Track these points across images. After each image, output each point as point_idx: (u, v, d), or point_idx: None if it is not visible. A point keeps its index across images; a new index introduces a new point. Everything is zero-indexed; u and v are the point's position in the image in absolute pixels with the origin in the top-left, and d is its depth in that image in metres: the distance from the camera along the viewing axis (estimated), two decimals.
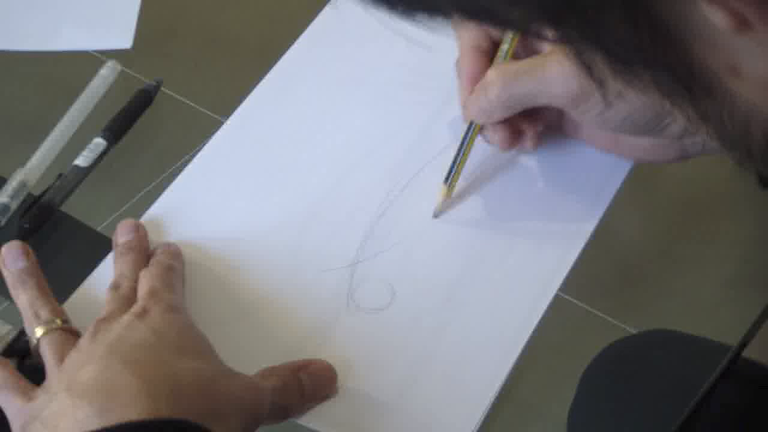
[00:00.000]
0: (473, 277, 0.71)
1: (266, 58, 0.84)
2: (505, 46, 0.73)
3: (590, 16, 0.37)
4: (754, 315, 0.73)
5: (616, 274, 0.95)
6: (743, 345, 0.71)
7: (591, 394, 0.88)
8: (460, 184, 0.75)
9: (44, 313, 0.66)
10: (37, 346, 0.65)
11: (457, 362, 0.67)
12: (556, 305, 0.70)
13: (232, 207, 0.75)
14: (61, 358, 0.63)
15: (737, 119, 0.38)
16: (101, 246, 0.73)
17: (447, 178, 0.73)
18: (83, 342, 0.63)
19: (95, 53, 0.88)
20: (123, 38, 0.88)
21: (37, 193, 0.78)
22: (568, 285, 0.70)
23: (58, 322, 0.66)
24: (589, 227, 0.73)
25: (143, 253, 0.71)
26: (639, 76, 0.39)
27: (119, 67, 0.86)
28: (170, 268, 0.69)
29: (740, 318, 0.75)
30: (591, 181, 0.75)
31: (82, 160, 0.80)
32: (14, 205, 0.78)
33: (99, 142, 0.81)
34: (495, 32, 0.73)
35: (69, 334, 0.65)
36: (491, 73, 0.71)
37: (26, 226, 0.76)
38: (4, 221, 0.77)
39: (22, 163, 0.80)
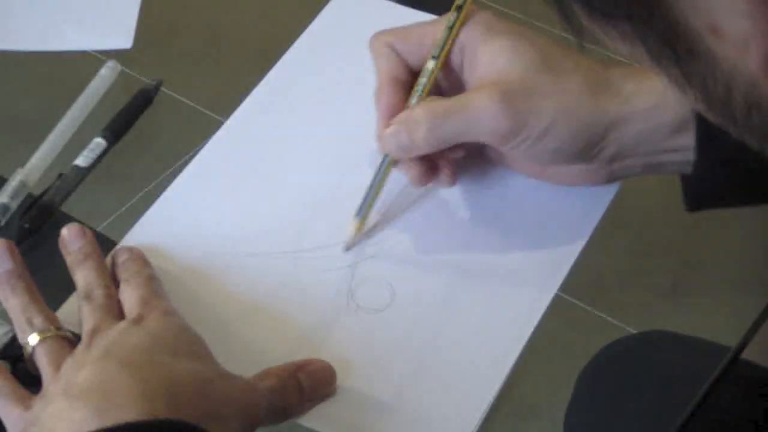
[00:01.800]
0: (473, 277, 0.71)
1: (266, 58, 0.84)
2: (423, 79, 0.71)
3: None
4: (753, 316, 0.73)
5: (616, 274, 0.95)
6: (742, 346, 0.71)
7: (588, 393, 0.88)
8: (461, 182, 0.75)
9: (38, 321, 0.65)
10: (33, 353, 0.64)
11: (457, 362, 0.67)
12: (556, 305, 0.70)
13: (231, 207, 0.75)
14: (57, 366, 0.63)
15: (720, 82, 0.39)
16: (101, 246, 0.73)
17: (359, 212, 0.72)
18: (79, 350, 0.63)
19: (95, 53, 0.88)
20: (123, 38, 0.88)
21: (37, 193, 0.78)
22: (568, 285, 0.70)
23: (53, 329, 0.65)
24: (589, 227, 0.73)
25: (100, 257, 0.70)
26: (624, 33, 0.39)
27: (119, 67, 0.86)
28: (150, 276, 0.69)
29: (740, 319, 0.75)
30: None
31: (82, 160, 0.80)
32: (14, 205, 0.78)
33: (99, 142, 0.81)
34: (414, 63, 0.72)
35: (64, 341, 0.65)
36: (418, 111, 0.69)
37: (26, 226, 0.76)
38: (4, 221, 0.77)
39: (22, 163, 0.80)
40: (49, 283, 0.69)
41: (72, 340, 0.65)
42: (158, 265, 0.71)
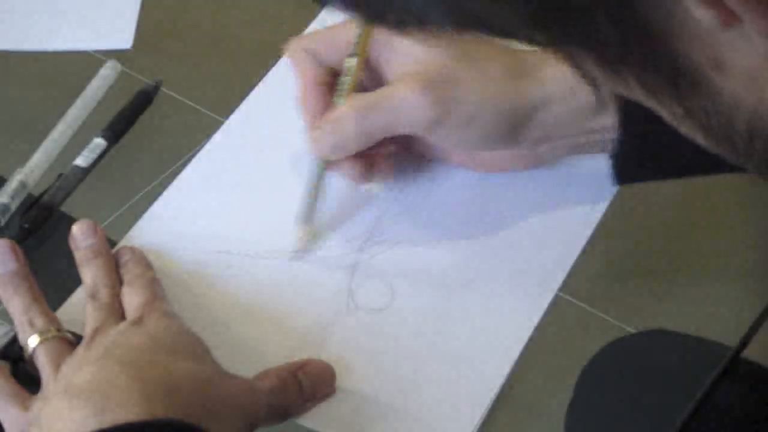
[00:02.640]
0: (473, 277, 0.71)
1: (266, 58, 0.84)
2: (345, 78, 0.71)
3: (577, 17, 0.37)
4: (754, 315, 0.73)
5: (616, 274, 0.95)
6: (743, 345, 0.71)
7: (588, 393, 0.87)
8: (461, 182, 0.75)
9: (39, 322, 0.65)
10: (33, 354, 0.65)
11: (457, 362, 0.67)
12: (556, 305, 0.70)
13: (231, 207, 0.75)
14: (57, 366, 0.63)
15: (722, 113, 0.38)
16: None
17: (304, 219, 0.72)
18: (79, 350, 0.64)
19: (95, 53, 0.88)
20: (123, 38, 0.88)
21: (37, 193, 0.78)
22: (568, 285, 0.70)
23: (54, 330, 0.65)
24: (588, 227, 0.73)
25: (109, 255, 0.70)
26: (624, 76, 0.39)
27: (119, 67, 0.86)
28: (152, 279, 0.69)
29: (740, 318, 0.75)
30: (591, 180, 0.75)
31: (82, 160, 0.80)
32: (14, 205, 0.78)
33: (99, 142, 0.81)
34: (333, 65, 0.72)
35: (65, 342, 0.65)
36: (343, 108, 0.70)
37: (26, 226, 0.76)
38: (4, 221, 0.77)
39: (22, 163, 0.80)
40: (49, 283, 0.69)
41: (72, 342, 0.65)
42: (158, 265, 0.72)
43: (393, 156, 0.73)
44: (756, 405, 0.81)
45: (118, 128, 0.82)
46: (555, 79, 0.68)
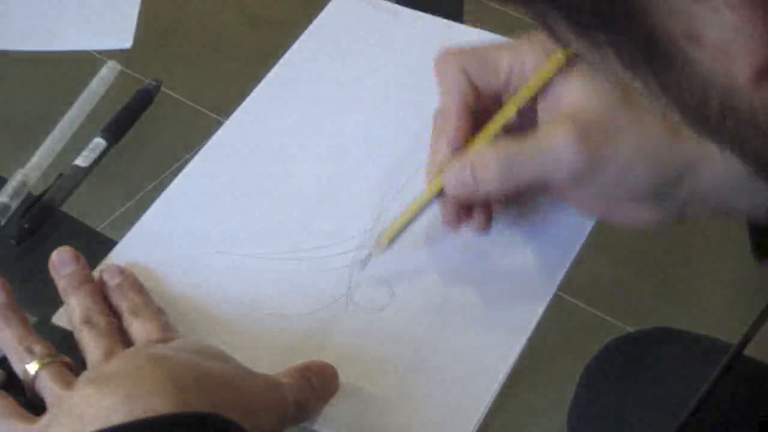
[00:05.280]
0: (472, 277, 0.71)
1: (266, 58, 0.85)
2: (500, 125, 0.67)
3: None
4: (754, 314, 0.73)
5: (616, 274, 0.95)
6: (744, 343, 0.71)
7: (591, 392, 0.88)
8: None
9: (38, 348, 0.64)
10: (34, 380, 0.63)
11: (456, 362, 0.67)
12: (556, 305, 0.70)
13: (231, 207, 0.75)
14: (66, 384, 0.61)
15: (695, 88, 0.38)
16: (101, 246, 0.73)
17: (391, 235, 0.70)
18: (93, 369, 0.62)
19: (95, 53, 0.88)
20: (123, 38, 0.88)
21: (37, 193, 0.78)
22: (568, 285, 0.70)
23: (54, 356, 0.64)
24: (587, 226, 0.73)
25: (94, 282, 0.69)
26: (599, 42, 0.39)
27: (119, 67, 0.86)
28: (158, 310, 0.67)
29: (740, 318, 0.75)
30: None
31: (82, 160, 0.80)
32: (14, 205, 0.78)
33: (99, 142, 0.81)
34: (484, 89, 0.69)
35: (66, 366, 0.64)
36: (488, 152, 0.66)
37: (26, 226, 0.76)
38: (4, 221, 0.77)
39: (22, 163, 0.80)
40: (49, 283, 0.69)
41: (72, 366, 0.64)
42: (157, 265, 0.71)
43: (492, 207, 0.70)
44: (759, 401, 0.81)
45: (118, 128, 0.83)
46: None
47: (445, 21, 0.87)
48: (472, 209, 0.69)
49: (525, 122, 0.68)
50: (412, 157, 0.77)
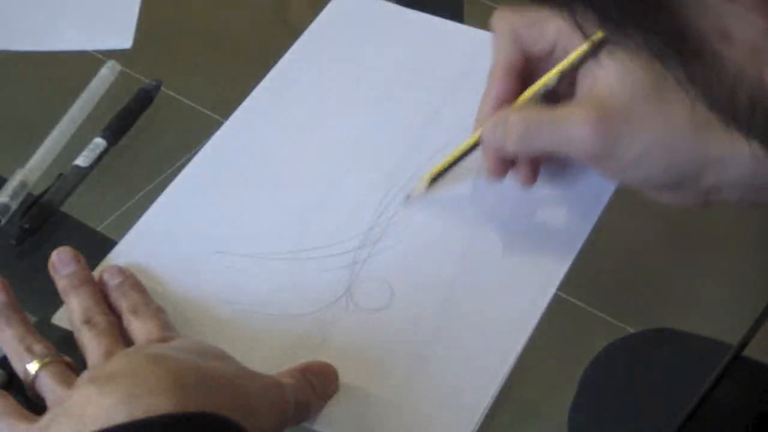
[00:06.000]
0: (472, 277, 0.71)
1: (266, 58, 0.85)
2: (540, 89, 0.71)
3: None
4: (754, 315, 0.73)
5: (616, 274, 0.95)
6: (744, 344, 0.71)
7: (591, 392, 0.88)
8: (459, 184, 0.75)
9: (38, 348, 0.64)
10: (35, 379, 0.63)
11: (456, 362, 0.67)
12: (556, 305, 0.70)
13: (231, 207, 0.75)
14: (67, 384, 0.61)
15: (725, 83, 0.39)
16: (101, 246, 0.73)
17: (432, 177, 0.74)
18: (93, 369, 0.62)
19: (95, 53, 0.88)
20: (123, 38, 0.88)
21: (37, 193, 0.78)
22: (568, 285, 0.70)
23: (53, 355, 0.64)
24: (587, 226, 0.73)
25: (95, 282, 0.69)
26: (630, 37, 0.39)
27: (119, 67, 0.86)
28: (159, 310, 0.68)
29: (740, 318, 0.75)
30: (590, 180, 0.75)
31: (82, 160, 0.80)
32: (14, 205, 0.78)
33: (99, 142, 0.81)
34: (533, 51, 0.72)
35: (66, 365, 0.64)
36: (514, 117, 0.69)
37: (26, 226, 0.76)
38: (4, 221, 0.77)
39: (22, 163, 0.80)
40: (49, 283, 0.69)
41: (73, 366, 0.64)
42: (158, 266, 0.71)
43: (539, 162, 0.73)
44: (758, 402, 0.81)
45: (118, 128, 0.83)
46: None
47: (445, 21, 0.88)
48: (516, 162, 0.72)
49: (567, 90, 0.71)
50: (412, 157, 0.77)
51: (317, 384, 0.64)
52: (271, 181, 0.77)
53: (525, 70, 0.72)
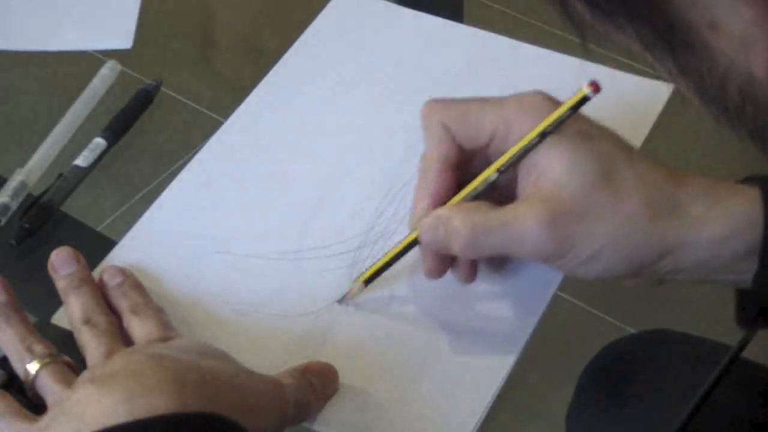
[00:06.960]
0: None
1: (266, 58, 0.85)
2: (479, 187, 0.67)
3: None
4: None
5: None
6: (743, 345, 0.71)
7: (589, 393, 0.88)
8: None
9: (39, 348, 0.64)
10: (35, 379, 0.63)
11: (456, 362, 0.67)
12: (556, 305, 0.70)
13: (231, 207, 0.75)
14: (67, 383, 0.61)
15: (715, 75, 0.39)
16: (101, 246, 0.73)
17: (367, 280, 0.69)
18: (93, 368, 0.62)
19: (95, 53, 0.88)
20: (123, 38, 0.88)
21: (37, 193, 0.78)
22: (568, 285, 0.70)
23: (54, 355, 0.64)
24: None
25: (94, 282, 0.69)
26: (620, 26, 0.40)
27: (119, 67, 0.86)
28: (159, 310, 0.67)
29: None
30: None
31: (82, 160, 0.80)
32: (14, 205, 0.78)
33: (99, 142, 0.81)
34: (467, 146, 0.68)
35: (66, 365, 0.63)
36: (458, 222, 0.65)
37: (26, 226, 0.76)
38: (4, 221, 0.77)
39: (22, 163, 0.80)
40: (49, 283, 0.69)
41: (73, 366, 0.64)
42: (158, 266, 0.71)
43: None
44: (757, 404, 0.81)
45: (118, 128, 0.83)
46: (705, 222, 0.63)
47: (445, 21, 0.88)
48: (455, 259, 0.68)
49: (510, 182, 0.67)
50: (412, 157, 0.77)
51: (317, 384, 0.64)
52: (271, 181, 0.77)
53: (461, 163, 0.68)
